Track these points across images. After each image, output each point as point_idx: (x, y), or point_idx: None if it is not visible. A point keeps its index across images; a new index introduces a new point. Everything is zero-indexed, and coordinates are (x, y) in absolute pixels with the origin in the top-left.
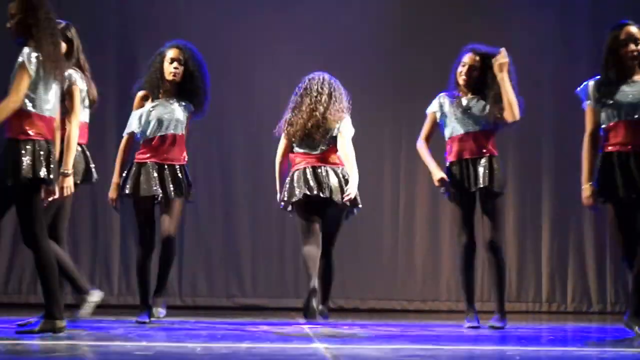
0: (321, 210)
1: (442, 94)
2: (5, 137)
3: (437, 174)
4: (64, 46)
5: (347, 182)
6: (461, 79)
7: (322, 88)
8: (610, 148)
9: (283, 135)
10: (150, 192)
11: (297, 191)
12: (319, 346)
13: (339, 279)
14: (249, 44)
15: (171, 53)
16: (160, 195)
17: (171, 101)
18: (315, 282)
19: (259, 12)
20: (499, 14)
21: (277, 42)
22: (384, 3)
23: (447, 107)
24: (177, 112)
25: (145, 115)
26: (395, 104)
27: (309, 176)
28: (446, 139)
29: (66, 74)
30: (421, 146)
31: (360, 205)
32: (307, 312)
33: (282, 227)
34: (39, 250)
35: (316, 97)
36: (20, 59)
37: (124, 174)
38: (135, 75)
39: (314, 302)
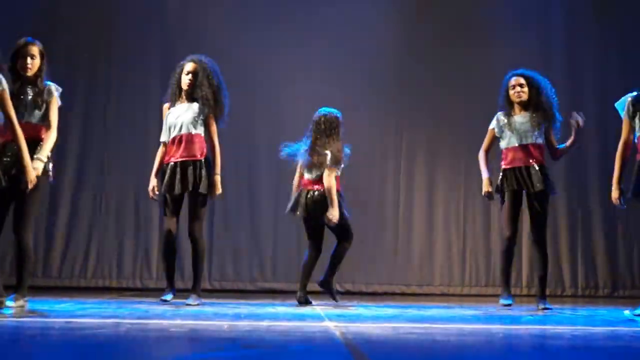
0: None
1: (499, 112)
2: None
3: (486, 187)
4: (38, 61)
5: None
6: (516, 98)
7: (318, 127)
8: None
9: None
10: (168, 191)
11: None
12: (329, 324)
13: (348, 266)
14: (277, 67)
15: (188, 67)
16: (176, 192)
17: (185, 106)
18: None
19: (286, 37)
20: (485, 37)
21: (298, 62)
22: (389, 28)
23: (502, 123)
24: (187, 114)
25: (164, 123)
26: (397, 115)
27: (302, 199)
28: (502, 149)
29: (52, 86)
30: (482, 157)
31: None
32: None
33: (298, 221)
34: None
35: (315, 137)
36: None
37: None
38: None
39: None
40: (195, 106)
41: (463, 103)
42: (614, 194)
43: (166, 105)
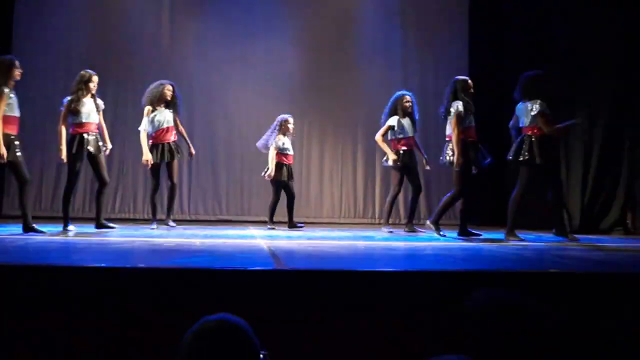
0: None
1: (396, 116)
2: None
3: (393, 157)
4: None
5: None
6: (408, 109)
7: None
8: (466, 138)
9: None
10: (158, 160)
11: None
12: (260, 241)
13: (279, 205)
14: (230, 79)
15: (169, 87)
16: (165, 161)
17: (163, 110)
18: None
19: (234, 62)
20: (358, 61)
21: (242, 77)
22: (296, 57)
23: (399, 123)
24: (167, 115)
25: (152, 119)
26: (301, 113)
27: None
28: (402, 138)
29: (100, 101)
30: (382, 141)
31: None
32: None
33: (244, 175)
34: None
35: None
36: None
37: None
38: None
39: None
40: (170, 110)
41: (342, 105)
42: (459, 160)
43: (149, 108)
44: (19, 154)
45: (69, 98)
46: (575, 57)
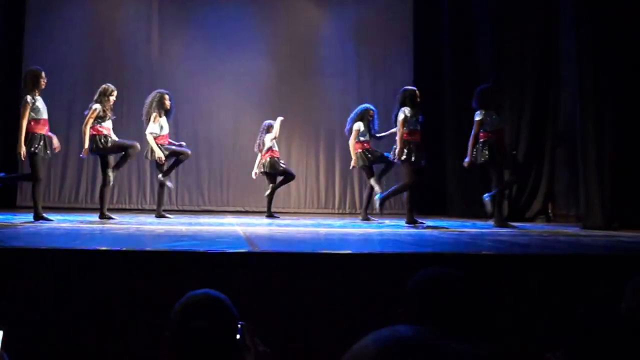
0: None
1: (360, 122)
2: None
3: (355, 163)
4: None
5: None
6: (372, 121)
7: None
8: (410, 139)
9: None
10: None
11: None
12: (237, 228)
13: (250, 196)
14: (209, 80)
15: (167, 97)
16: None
17: (164, 117)
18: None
19: (216, 69)
20: (319, 74)
21: (221, 80)
22: (267, 65)
23: (363, 128)
24: (165, 122)
25: (159, 125)
26: (271, 110)
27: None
28: (366, 140)
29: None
30: (352, 142)
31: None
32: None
33: (223, 171)
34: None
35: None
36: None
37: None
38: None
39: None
40: (166, 118)
41: (306, 110)
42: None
43: (156, 115)
44: (39, 151)
45: (97, 105)
46: (501, 65)
